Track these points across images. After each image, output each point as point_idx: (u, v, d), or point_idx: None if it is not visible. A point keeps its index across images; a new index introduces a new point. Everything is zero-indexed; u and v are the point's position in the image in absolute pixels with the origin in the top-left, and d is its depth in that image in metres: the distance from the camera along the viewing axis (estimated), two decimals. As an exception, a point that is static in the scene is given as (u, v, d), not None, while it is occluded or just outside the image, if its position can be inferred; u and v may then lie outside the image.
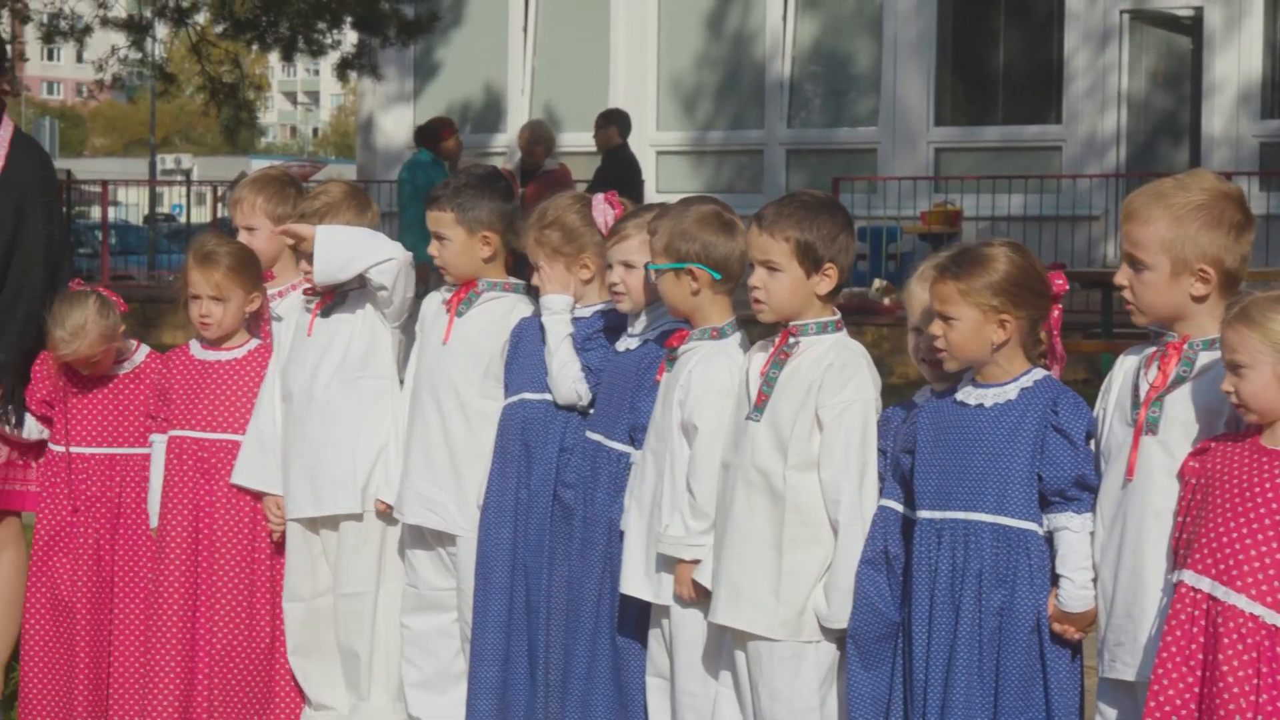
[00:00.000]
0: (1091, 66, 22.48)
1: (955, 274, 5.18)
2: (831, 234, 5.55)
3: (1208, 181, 5.05)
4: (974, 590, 5.15)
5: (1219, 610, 4.68)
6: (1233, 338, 4.70)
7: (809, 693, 5.52)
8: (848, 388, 5.50)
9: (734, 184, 24.38)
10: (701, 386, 5.79)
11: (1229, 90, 21.76)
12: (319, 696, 6.90)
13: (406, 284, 6.67)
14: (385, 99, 26.63)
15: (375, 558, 6.83)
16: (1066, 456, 5.09)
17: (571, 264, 6.41)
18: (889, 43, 23.52)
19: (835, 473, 5.47)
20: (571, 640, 6.19)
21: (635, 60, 24.80)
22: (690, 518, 5.74)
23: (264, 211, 7.12)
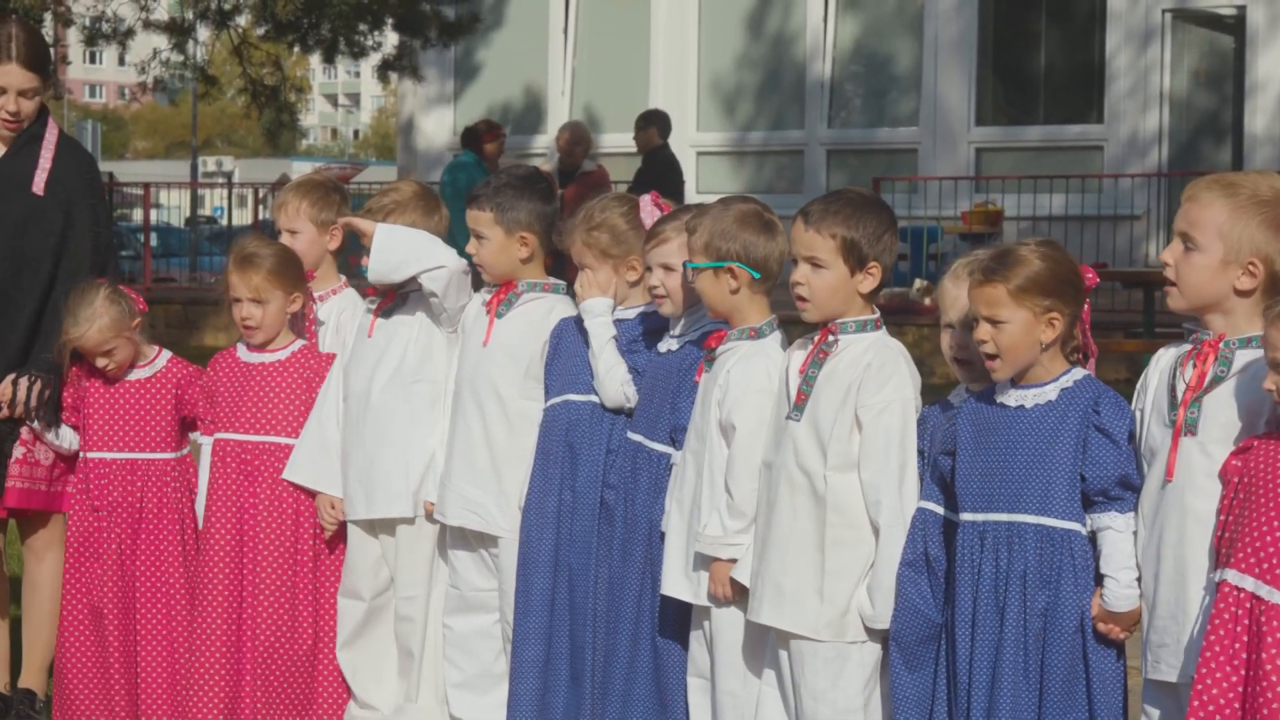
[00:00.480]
0: (1133, 66, 22.42)
1: (1003, 276, 5.15)
2: (877, 233, 5.54)
3: (1276, 182, 5.05)
4: (1019, 592, 5.14)
5: (1263, 610, 4.67)
6: (1277, 336, 4.69)
7: (853, 693, 5.52)
8: (887, 387, 5.49)
9: (774, 184, 24.38)
10: (740, 386, 5.79)
11: (1272, 89, 21.69)
12: (365, 695, 6.92)
13: (459, 292, 6.66)
14: (426, 101, 26.69)
15: (428, 561, 6.84)
16: (1109, 456, 5.08)
17: (619, 265, 6.40)
18: (929, 43, 23.49)
19: (875, 473, 5.46)
20: (612, 641, 6.19)
21: (675, 61, 24.81)
22: (728, 517, 5.74)
23: (307, 215, 7.14)
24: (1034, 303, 5.14)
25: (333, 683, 6.96)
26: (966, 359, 5.49)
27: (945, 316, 5.59)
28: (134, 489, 6.99)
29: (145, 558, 6.97)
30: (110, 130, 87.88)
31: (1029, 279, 5.14)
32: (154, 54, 23.63)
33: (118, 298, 6.90)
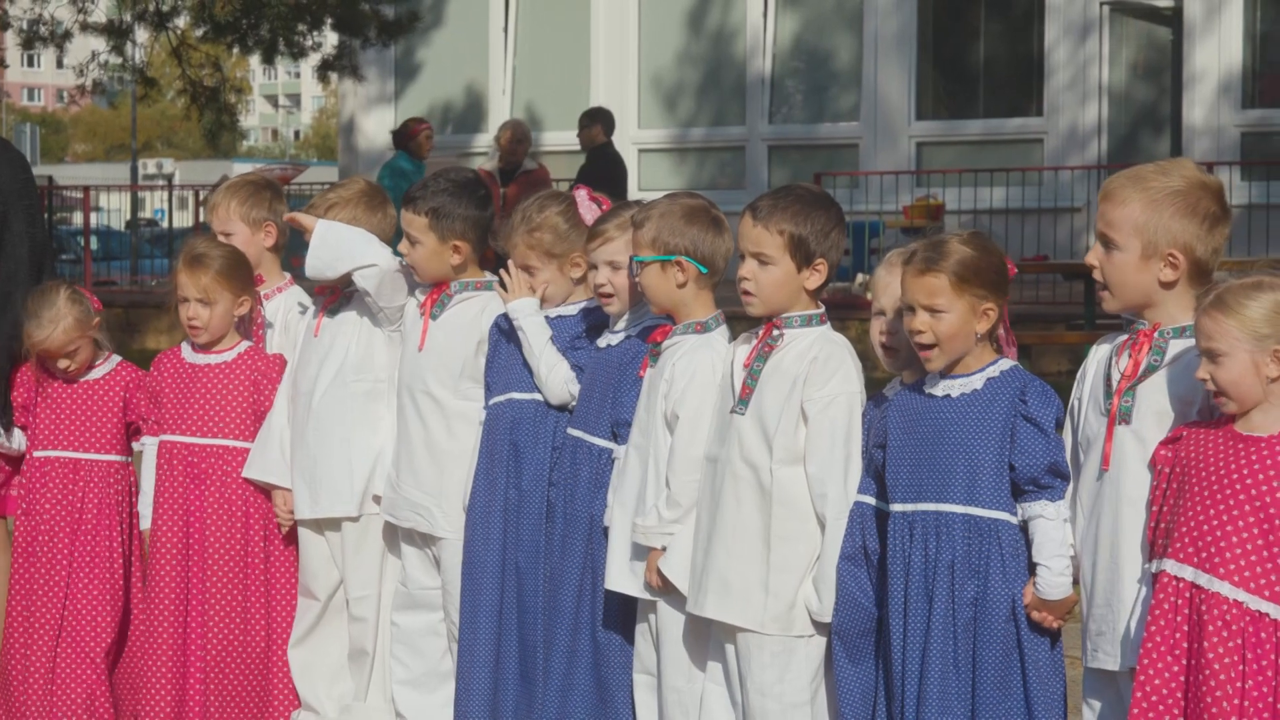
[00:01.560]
0: (1072, 59, 22.49)
1: (942, 265, 5.17)
2: (825, 229, 5.56)
3: (1188, 170, 5.08)
4: (947, 581, 5.16)
5: (1202, 598, 4.70)
6: (1209, 325, 4.72)
7: (800, 687, 5.53)
8: (832, 381, 5.50)
9: (716, 181, 24.38)
10: (685, 378, 5.80)
11: (1210, 81, 21.78)
12: (312, 696, 6.91)
13: (394, 291, 6.66)
14: (366, 100, 26.61)
15: (377, 560, 6.85)
16: (1038, 445, 5.10)
17: (564, 264, 6.40)
18: (869, 38, 23.52)
19: (820, 466, 5.48)
20: (551, 635, 6.19)
21: (616, 58, 24.79)
22: (664, 507, 5.75)
23: (239, 215, 7.14)
24: (972, 293, 5.16)
25: (288, 683, 6.95)
26: (894, 346, 5.52)
27: (877, 303, 5.60)
28: (76, 490, 6.98)
29: (81, 559, 6.95)
30: (49, 134, 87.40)
31: (969, 268, 5.16)
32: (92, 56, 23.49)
33: (78, 298, 6.91)
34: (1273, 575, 4.65)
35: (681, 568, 5.72)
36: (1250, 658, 4.64)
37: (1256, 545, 4.65)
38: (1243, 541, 4.66)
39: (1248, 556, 4.65)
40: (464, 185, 6.68)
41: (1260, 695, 4.63)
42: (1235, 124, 21.74)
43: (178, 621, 6.83)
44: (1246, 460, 4.70)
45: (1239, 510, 4.67)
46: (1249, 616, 4.65)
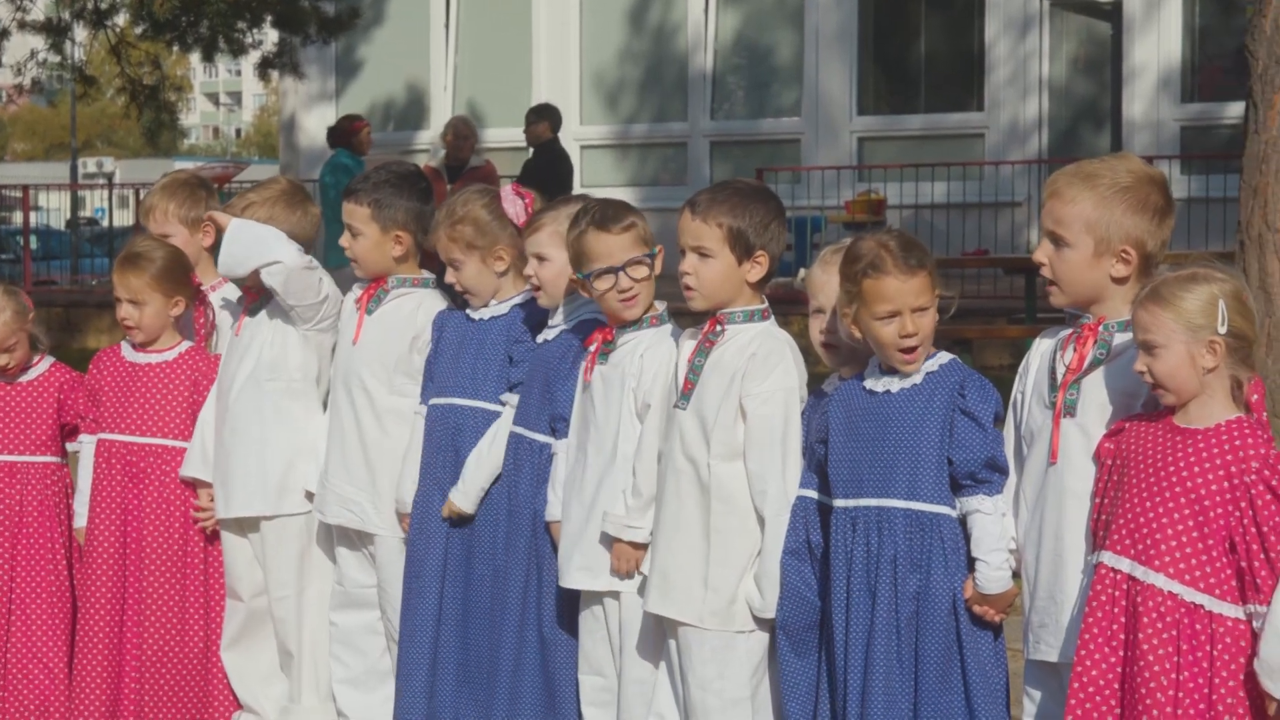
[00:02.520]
0: (1013, 54, 22.57)
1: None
2: (764, 221, 5.56)
3: (1134, 164, 5.10)
4: (889, 576, 5.17)
5: (1138, 590, 4.72)
6: (1145, 318, 4.75)
7: (741, 683, 5.53)
8: (771, 377, 5.51)
9: (658, 177, 24.40)
10: (653, 369, 5.81)
11: (1149, 75, 21.88)
12: (248, 698, 6.90)
13: (303, 289, 6.63)
14: (307, 98, 26.53)
15: (297, 560, 6.83)
16: (975, 439, 5.11)
17: (486, 256, 6.40)
18: (810, 33, 23.55)
19: (760, 462, 5.48)
20: (498, 636, 6.18)
21: (558, 55, 24.77)
22: (630, 496, 5.76)
23: (176, 217, 7.14)
24: (938, 288, 5.21)
25: (228, 685, 6.93)
26: (834, 344, 5.52)
27: (814, 302, 5.60)
28: (14, 493, 6.95)
29: (23, 560, 6.93)
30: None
31: (935, 265, 5.19)
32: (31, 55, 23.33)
33: (14, 291, 6.89)
34: (1207, 567, 4.67)
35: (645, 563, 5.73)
36: (1185, 649, 4.67)
37: (1191, 538, 4.68)
38: (1178, 534, 4.69)
39: (1183, 549, 4.68)
40: (405, 177, 6.71)
41: (1195, 686, 4.65)
42: (1175, 118, 21.85)
43: (113, 622, 6.82)
44: (1183, 453, 4.72)
45: (1174, 503, 4.70)
46: (1184, 608, 4.67)
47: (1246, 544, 4.64)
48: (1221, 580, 4.67)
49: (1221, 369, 4.72)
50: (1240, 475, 4.65)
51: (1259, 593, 4.62)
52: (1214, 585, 4.67)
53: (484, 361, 6.39)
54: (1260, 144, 8.56)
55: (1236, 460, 4.67)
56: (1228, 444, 4.69)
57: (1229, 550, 4.67)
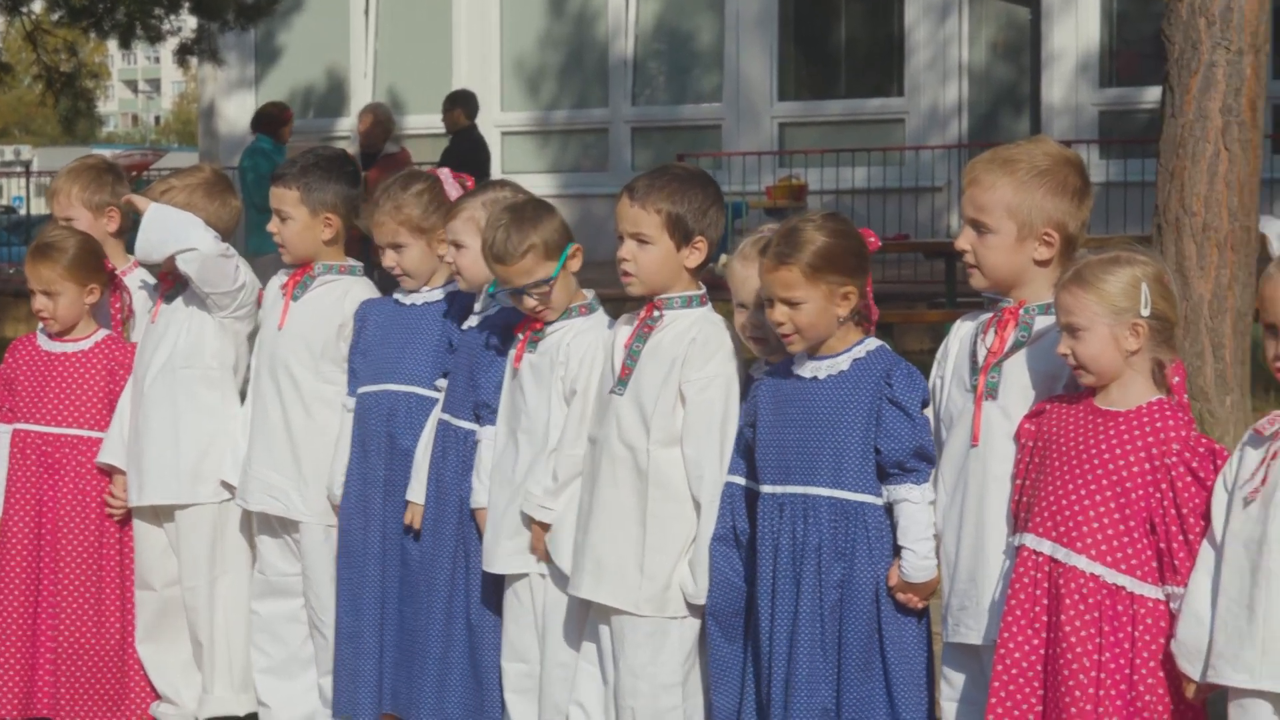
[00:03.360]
0: (932, 39, 22.64)
1: (795, 258, 5.16)
2: (702, 207, 5.56)
3: (1050, 147, 5.13)
4: (814, 564, 5.16)
5: (1060, 572, 4.74)
6: (1068, 300, 4.76)
7: (673, 668, 5.54)
8: (711, 363, 5.51)
9: (580, 163, 24.37)
10: (580, 356, 5.82)
11: (1068, 60, 21.99)
12: (167, 689, 6.86)
13: (219, 277, 6.60)
14: (227, 85, 26.39)
15: (208, 549, 6.79)
16: (903, 428, 5.11)
17: (431, 240, 6.39)
18: (731, 19, 23.57)
19: (698, 448, 5.49)
20: (426, 621, 6.18)
21: (478, 41, 24.71)
22: (548, 478, 5.76)
23: (80, 201, 7.09)
24: (828, 281, 5.16)
25: (145, 676, 6.90)
26: (762, 337, 5.52)
27: (737, 296, 5.60)
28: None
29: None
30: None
31: (821, 257, 5.15)
32: (-55, 42, 23.15)
33: None
34: (1128, 549, 4.70)
35: (566, 548, 5.71)
36: (1107, 630, 4.69)
37: (1113, 519, 4.70)
38: (1099, 516, 4.71)
39: (1104, 531, 4.70)
40: (334, 160, 6.72)
41: (1117, 667, 4.68)
42: (1093, 102, 21.97)
43: (28, 613, 6.78)
44: (1104, 435, 4.74)
45: (1096, 485, 4.72)
46: (1105, 590, 4.69)
47: (1166, 526, 4.67)
48: (1142, 562, 4.70)
49: (1144, 351, 4.75)
50: (1161, 457, 4.68)
51: (1177, 574, 4.65)
52: (1135, 567, 4.70)
53: (417, 347, 6.38)
54: (1177, 128, 8.61)
55: (1157, 442, 4.69)
56: (1149, 426, 4.71)
57: (1150, 532, 4.70)
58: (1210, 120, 8.52)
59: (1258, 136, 8.66)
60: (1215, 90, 8.52)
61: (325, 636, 6.57)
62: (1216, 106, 8.52)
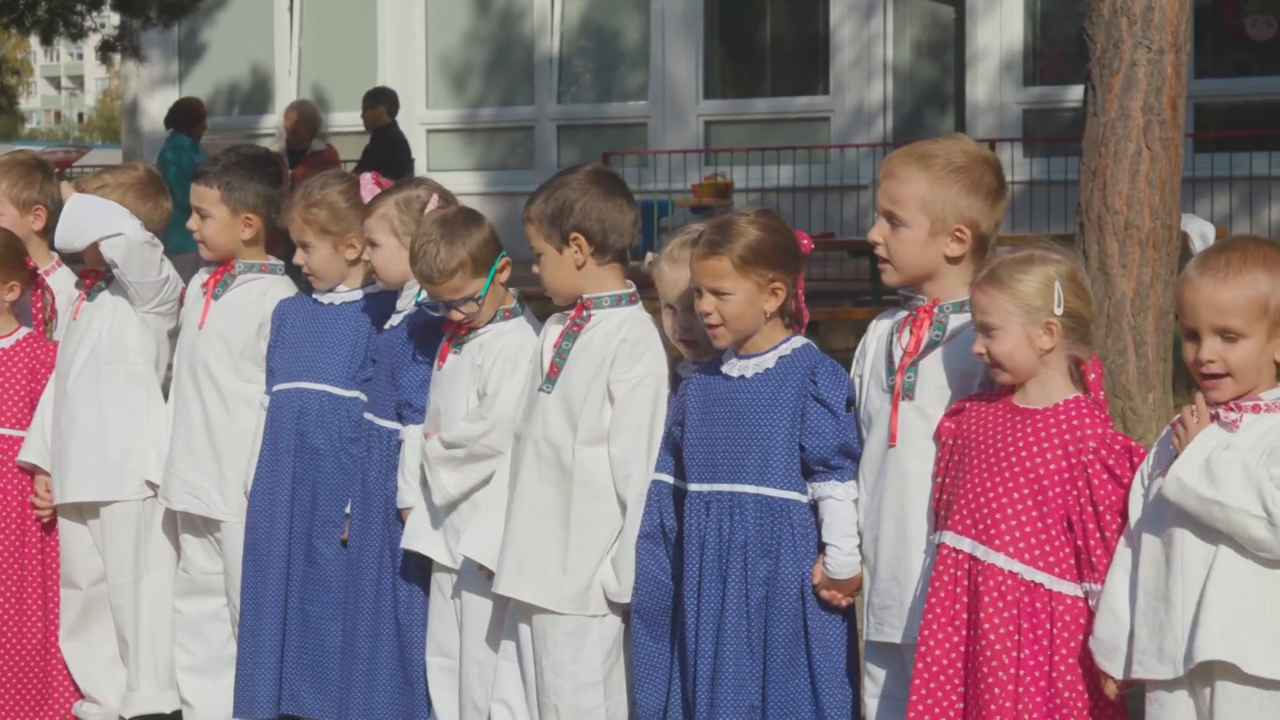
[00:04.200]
0: (857, 37, 22.71)
1: (726, 248, 5.17)
2: (568, 205, 5.55)
3: (967, 145, 5.15)
4: (740, 561, 5.18)
5: (980, 569, 4.76)
6: (982, 300, 4.78)
7: (594, 666, 5.54)
8: (640, 363, 5.51)
9: (506, 161, 24.35)
10: (494, 356, 5.82)
11: (991, 59, 22.10)
12: (90, 687, 6.83)
13: (144, 265, 6.57)
14: (150, 82, 26.26)
15: (133, 546, 6.75)
16: (827, 426, 5.12)
17: (338, 243, 6.39)
18: (657, 17, 23.59)
19: (625, 448, 5.49)
20: (353, 622, 6.16)
21: (403, 39, 24.66)
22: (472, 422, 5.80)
23: (7, 196, 7.04)
24: (758, 273, 5.17)
25: (68, 675, 6.87)
26: (691, 340, 5.52)
27: (665, 298, 5.61)
28: None
29: None
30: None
31: (752, 250, 5.17)
32: None
33: None
34: (1046, 546, 4.72)
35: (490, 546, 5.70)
36: (1026, 627, 4.71)
37: (1031, 517, 4.72)
38: (1018, 514, 4.73)
39: (1022, 528, 4.72)
40: (256, 159, 6.70)
41: (1036, 664, 4.70)
42: (1017, 101, 22.08)
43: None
44: (1022, 433, 4.76)
45: (1014, 482, 4.74)
46: (1024, 587, 4.71)
47: (1083, 523, 4.69)
48: (1060, 559, 4.72)
49: (1059, 349, 4.77)
50: (1078, 455, 4.70)
51: (1094, 571, 4.67)
52: (1053, 564, 4.72)
53: (331, 346, 6.38)
54: (1099, 126, 8.66)
55: (1074, 440, 4.72)
56: (1065, 424, 4.74)
57: (1067, 529, 4.72)
58: (1132, 119, 8.58)
59: (1179, 135, 8.72)
60: (1137, 89, 8.58)
61: (248, 636, 6.56)
62: (1138, 105, 8.57)
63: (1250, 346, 4.43)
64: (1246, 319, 4.42)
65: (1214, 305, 4.44)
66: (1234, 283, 4.43)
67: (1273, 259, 4.45)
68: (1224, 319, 4.43)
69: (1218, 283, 4.45)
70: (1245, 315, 4.42)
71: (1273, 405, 4.45)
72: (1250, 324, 4.42)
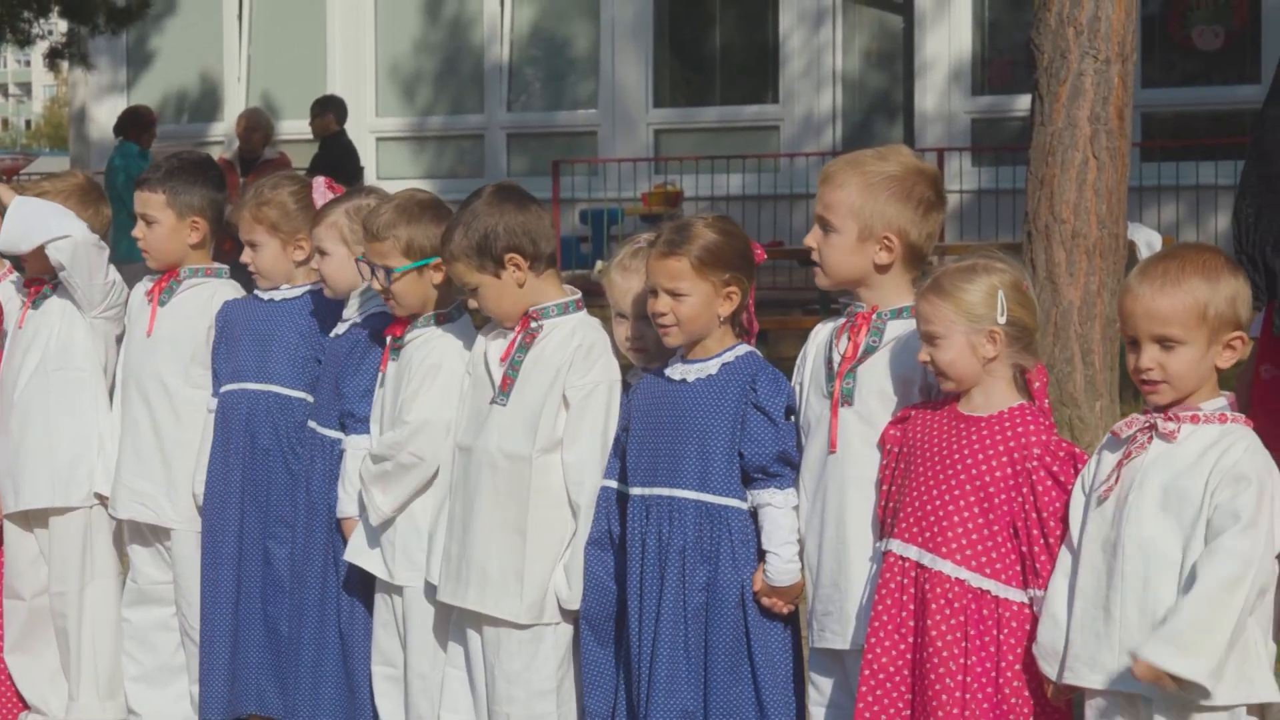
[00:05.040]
0: (807, 46, 22.74)
1: (685, 249, 5.19)
2: (493, 228, 5.54)
3: (905, 156, 5.18)
4: (678, 566, 5.19)
5: (926, 577, 4.77)
6: (926, 309, 4.81)
7: (547, 674, 5.54)
8: (595, 369, 5.53)
9: (455, 169, 24.30)
10: (420, 361, 5.81)
11: (940, 68, 22.14)
12: (36, 699, 6.81)
13: (91, 269, 6.56)
14: (98, 89, 26.14)
15: (79, 555, 6.74)
16: (767, 433, 5.14)
17: (287, 243, 6.39)
18: (607, 25, 23.58)
19: (580, 454, 5.49)
20: (298, 628, 6.16)
21: (353, 46, 24.61)
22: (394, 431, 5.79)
23: None
24: (715, 276, 5.20)
25: (13, 686, 6.85)
26: (643, 347, 5.53)
27: (617, 307, 5.61)
28: None
29: None
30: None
31: (710, 251, 5.19)
32: None
33: None
34: (993, 553, 4.74)
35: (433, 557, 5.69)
36: (973, 634, 4.72)
37: (977, 524, 4.74)
38: (964, 521, 4.74)
39: (969, 535, 4.74)
40: (198, 164, 6.71)
41: (983, 670, 4.72)
42: (965, 110, 22.12)
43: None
44: (967, 440, 4.78)
45: (960, 490, 4.76)
46: (971, 594, 4.73)
47: (1028, 529, 4.72)
48: (1007, 565, 4.74)
49: (1002, 358, 4.80)
50: (1023, 461, 4.73)
51: (1039, 577, 4.69)
52: (1000, 571, 4.74)
53: (276, 345, 6.39)
54: (1046, 136, 8.69)
55: (1019, 446, 4.74)
56: (1010, 431, 4.76)
57: (1013, 535, 4.74)
58: (1079, 128, 8.61)
59: (1125, 145, 8.76)
60: (1084, 99, 8.61)
61: (196, 643, 6.53)
62: (1085, 115, 8.60)
63: (1189, 354, 4.46)
64: (1184, 327, 4.44)
65: (1151, 314, 4.47)
66: (1171, 291, 4.46)
67: (1212, 267, 4.48)
68: (1162, 327, 4.46)
69: (1155, 291, 4.47)
70: (1183, 323, 4.44)
71: (1211, 416, 4.48)
72: (1188, 332, 4.44)
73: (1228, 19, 21.22)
